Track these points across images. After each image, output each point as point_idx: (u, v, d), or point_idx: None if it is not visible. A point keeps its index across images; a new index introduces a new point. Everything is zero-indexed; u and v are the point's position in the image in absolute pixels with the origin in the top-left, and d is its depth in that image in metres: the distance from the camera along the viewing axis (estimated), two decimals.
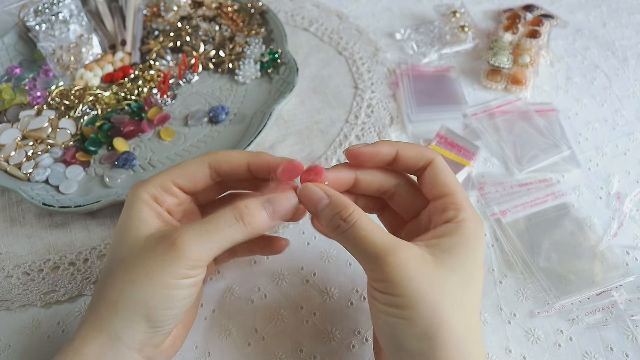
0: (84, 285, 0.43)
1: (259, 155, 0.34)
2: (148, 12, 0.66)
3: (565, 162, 0.51)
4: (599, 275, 0.42)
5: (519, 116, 0.55)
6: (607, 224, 0.47)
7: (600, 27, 0.67)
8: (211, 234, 0.29)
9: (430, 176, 0.33)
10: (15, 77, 0.59)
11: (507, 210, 0.47)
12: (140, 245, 0.30)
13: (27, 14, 0.60)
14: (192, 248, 0.29)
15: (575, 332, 0.40)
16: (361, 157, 0.33)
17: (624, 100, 0.58)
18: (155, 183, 0.33)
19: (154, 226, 0.31)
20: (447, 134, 0.52)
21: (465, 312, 0.29)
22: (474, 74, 0.61)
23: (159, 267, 0.29)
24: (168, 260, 0.29)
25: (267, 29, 0.64)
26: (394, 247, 0.28)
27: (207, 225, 0.30)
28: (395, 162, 0.34)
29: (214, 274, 0.44)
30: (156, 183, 0.33)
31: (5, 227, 0.48)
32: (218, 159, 0.34)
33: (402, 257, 0.28)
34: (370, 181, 0.34)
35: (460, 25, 0.64)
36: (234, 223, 0.30)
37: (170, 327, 0.31)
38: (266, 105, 0.55)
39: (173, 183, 0.33)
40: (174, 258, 0.28)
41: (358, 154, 0.33)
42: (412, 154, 0.33)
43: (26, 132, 0.52)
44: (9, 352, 0.40)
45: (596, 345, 0.39)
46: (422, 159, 0.33)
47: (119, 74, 0.60)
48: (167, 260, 0.29)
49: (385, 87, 0.59)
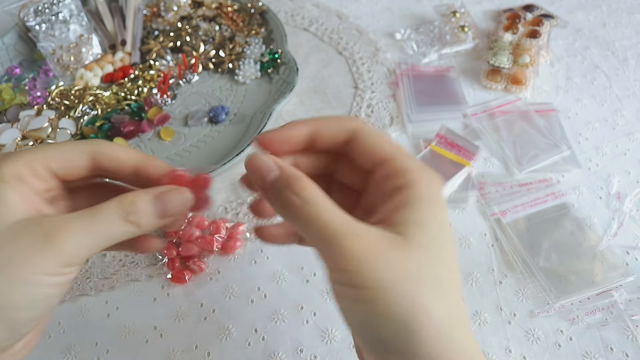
0: (84, 285, 0.43)
1: (149, 161, 0.29)
2: (148, 12, 0.66)
3: (565, 162, 0.51)
4: (599, 275, 0.42)
5: (519, 116, 0.55)
6: (607, 224, 0.47)
7: (600, 27, 0.67)
8: (93, 230, 0.26)
9: (360, 147, 0.28)
10: (15, 77, 0.59)
11: (507, 210, 0.47)
12: (3, 233, 0.25)
13: (27, 14, 0.60)
14: (71, 243, 0.25)
15: (575, 332, 0.40)
16: (273, 145, 0.29)
17: (624, 100, 0.58)
18: (23, 162, 0.27)
19: (20, 213, 0.26)
20: (447, 134, 0.52)
21: (443, 294, 0.25)
22: (474, 74, 0.61)
23: (27, 261, 0.24)
24: (40, 254, 0.24)
25: (267, 29, 0.64)
26: (350, 230, 0.24)
27: (89, 220, 0.26)
28: (315, 142, 0.29)
29: (214, 273, 0.44)
30: (25, 162, 0.27)
31: None
32: (102, 153, 0.28)
33: (361, 241, 0.24)
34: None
35: (460, 25, 0.64)
36: (119, 220, 0.26)
37: (28, 330, 0.26)
38: (266, 105, 0.55)
39: (44, 166, 0.27)
40: (47, 252, 0.24)
41: (268, 141, 0.28)
42: (331, 128, 0.29)
43: (26, 132, 0.52)
44: None
45: (596, 345, 0.39)
46: (343, 131, 0.29)
47: (119, 74, 0.60)
48: (38, 253, 0.24)
49: (385, 87, 0.59)
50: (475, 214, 0.48)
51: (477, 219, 0.47)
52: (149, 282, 0.44)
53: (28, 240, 0.25)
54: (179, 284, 0.43)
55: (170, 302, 0.42)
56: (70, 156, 0.28)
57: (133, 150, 0.29)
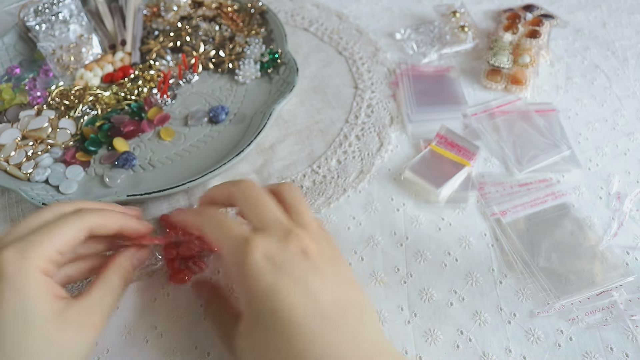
0: (84, 286, 0.43)
1: (129, 223, 0.37)
2: (148, 12, 0.66)
3: (565, 162, 0.51)
4: (599, 275, 0.42)
5: (519, 116, 0.55)
6: (607, 224, 0.47)
7: (601, 27, 0.67)
8: (109, 302, 0.34)
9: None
10: (15, 77, 0.59)
11: (507, 210, 0.47)
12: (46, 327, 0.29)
13: (27, 14, 0.60)
14: (98, 326, 0.33)
15: (575, 332, 0.40)
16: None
17: (624, 100, 0.58)
18: (43, 256, 0.30)
19: (49, 304, 0.30)
20: (447, 134, 0.52)
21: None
22: (474, 74, 0.61)
23: (69, 344, 0.31)
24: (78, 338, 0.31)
25: (267, 29, 0.64)
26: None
27: (103, 298, 0.34)
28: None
29: (215, 274, 0.44)
30: (45, 256, 0.30)
31: (5, 227, 0.47)
32: (96, 227, 0.34)
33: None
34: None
35: (460, 25, 0.64)
36: (121, 286, 0.36)
37: None
38: (266, 105, 0.55)
39: (57, 253, 0.31)
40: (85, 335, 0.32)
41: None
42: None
43: (26, 132, 0.52)
44: None
45: (596, 345, 0.39)
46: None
47: (119, 74, 0.60)
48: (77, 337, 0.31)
49: (385, 87, 0.59)
50: (475, 214, 0.48)
51: (477, 219, 0.47)
52: (149, 282, 0.44)
53: (69, 332, 0.30)
54: (178, 284, 0.43)
55: (170, 302, 0.42)
56: (72, 237, 0.33)
57: (116, 213, 0.37)
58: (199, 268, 0.43)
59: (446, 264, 0.44)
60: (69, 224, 0.32)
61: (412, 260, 0.45)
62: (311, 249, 0.31)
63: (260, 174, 0.51)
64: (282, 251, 0.30)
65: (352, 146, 0.53)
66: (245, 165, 0.52)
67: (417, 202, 0.49)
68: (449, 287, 0.43)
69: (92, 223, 0.34)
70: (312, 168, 0.51)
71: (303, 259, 0.31)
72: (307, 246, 0.31)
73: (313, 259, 0.31)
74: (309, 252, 0.31)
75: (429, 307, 0.42)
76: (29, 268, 0.29)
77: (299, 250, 0.31)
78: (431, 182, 0.48)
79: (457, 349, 0.40)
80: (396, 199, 0.49)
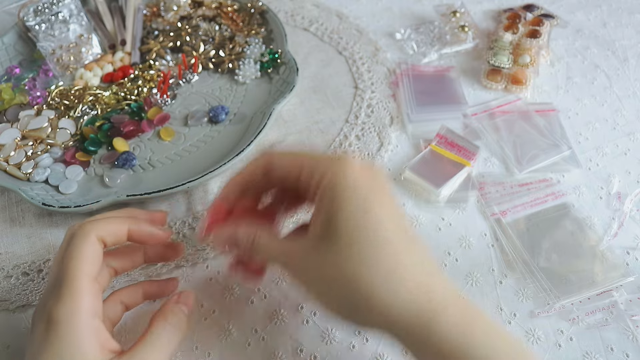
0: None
1: (140, 227, 0.36)
2: (148, 12, 0.66)
3: (565, 162, 0.51)
4: (600, 275, 0.42)
5: (519, 116, 0.55)
6: (608, 224, 0.47)
7: (601, 27, 0.67)
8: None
9: (277, 174, 0.33)
10: (15, 77, 0.59)
11: (507, 210, 0.47)
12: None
13: (27, 14, 0.60)
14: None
15: (575, 333, 0.40)
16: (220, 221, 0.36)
17: (624, 100, 0.58)
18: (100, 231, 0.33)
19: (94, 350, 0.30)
20: (447, 134, 0.52)
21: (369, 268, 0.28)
22: (474, 74, 0.61)
23: None
24: None
25: (267, 28, 0.64)
26: (282, 250, 0.32)
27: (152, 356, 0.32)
28: (247, 191, 0.36)
29: (214, 274, 0.44)
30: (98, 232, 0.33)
31: (5, 227, 0.47)
32: (136, 228, 0.35)
33: (287, 256, 0.31)
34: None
35: (460, 25, 0.64)
36: (172, 339, 0.34)
37: None
38: (266, 105, 0.55)
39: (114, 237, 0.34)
40: None
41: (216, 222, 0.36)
42: (246, 177, 0.35)
43: (26, 132, 0.52)
44: (9, 352, 0.40)
45: (596, 345, 0.39)
46: (258, 171, 0.34)
47: (118, 73, 0.60)
48: None
49: (385, 87, 0.59)
50: (476, 214, 0.48)
51: (477, 219, 0.47)
52: None
53: None
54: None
55: None
56: (120, 230, 0.35)
57: (121, 220, 0.35)
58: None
59: (446, 264, 0.44)
60: (116, 220, 0.35)
61: None
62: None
63: None
64: (371, 169, 0.31)
65: (352, 146, 0.53)
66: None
67: (417, 202, 0.49)
68: None
69: (133, 220, 0.35)
70: None
71: (385, 180, 0.32)
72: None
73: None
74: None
75: None
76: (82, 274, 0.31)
77: (380, 171, 0.32)
78: (431, 182, 0.48)
79: None
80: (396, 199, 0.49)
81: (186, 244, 0.46)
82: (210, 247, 0.45)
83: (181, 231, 0.46)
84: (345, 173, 0.29)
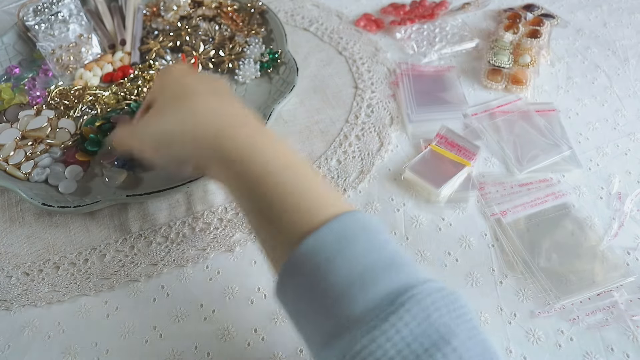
0: (84, 286, 0.43)
1: None
2: (148, 12, 0.66)
3: (565, 162, 0.51)
4: (600, 275, 0.42)
5: (520, 116, 0.55)
6: (608, 224, 0.47)
7: (601, 27, 0.67)
8: None
9: None
10: (15, 76, 0.59)
11: (508, 210, 0.47)
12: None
13: (27, 14, 0.60)
14: None
15: (575, 333, 0.40)
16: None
17: (625, 100, 0.58)
18: None
19: None
20: (448, 134, 0.52)
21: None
22: (474, 74, 0.61)
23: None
24: None
25: (267, 28, 0.64)
26: (129, 136, 0.41)
27: None
28: None
29: (214, 274, 0.44)
30: None
31: (5, 227, 0.47)
32: None
33: (134, 135, 0.41)
34: None
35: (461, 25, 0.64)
36: None
37: None
38: (266, 105, 0.55)
39: None
40: None
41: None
42: None
43: (25, 131, 0.52)
44: (9, 352, 0.40)
45: (597, 345, 0.39)
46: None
47: (118, 73, 0.59)
48: None
49: (385, 87, 0.59)
50: (476, 214, 0.48)
51: (477, 219, 0.47)
52: (149, 283, 0.44)
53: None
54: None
55: (170, 303, 0.42)
56: None
57: None
58: None
59: (446, 264, 0.44)
60: None
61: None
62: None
63: None
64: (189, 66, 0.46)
65: (352, 146, 0.53)
66: None
67: (417, 202, 0.49)
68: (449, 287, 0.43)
69: None
70: None
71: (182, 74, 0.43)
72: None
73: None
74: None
75: None
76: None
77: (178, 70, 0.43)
78: (431, 182, 0.48)
79: None
80: (396, 199, 0.49)
81: (186, 244, 0.46)
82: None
83: (181, 231, 0.46)
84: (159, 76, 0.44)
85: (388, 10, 0.68)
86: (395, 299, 0.26)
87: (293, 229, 0.31)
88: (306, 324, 0.30)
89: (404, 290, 0.26)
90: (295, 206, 0.31)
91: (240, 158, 0.34)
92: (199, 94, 0.39)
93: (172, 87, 0.40)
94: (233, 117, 0.37)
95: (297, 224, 0.31)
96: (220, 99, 0.39)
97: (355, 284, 0.27)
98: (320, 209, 0.31)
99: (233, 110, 0.39)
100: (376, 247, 0.29)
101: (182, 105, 0.38)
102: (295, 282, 0.29)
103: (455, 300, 0.27)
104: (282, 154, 0.35)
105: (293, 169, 0.34)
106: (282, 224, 0.31)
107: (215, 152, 0.35)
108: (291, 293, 0.30)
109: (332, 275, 0.28)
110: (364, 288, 0.27)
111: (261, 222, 0.33)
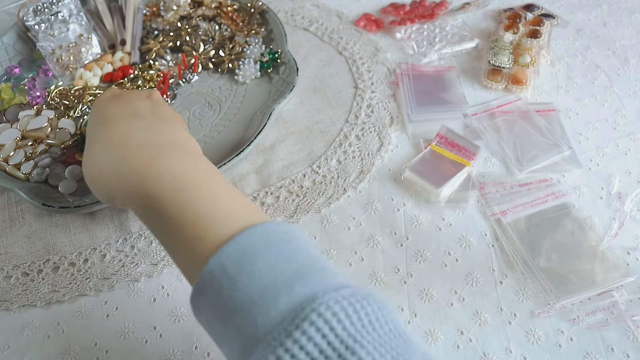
0: (83, 286, 0.43)
1: None
2: (148, 12, 0.66)
3: (565, 162, 0.51)
4: (600, 275, 0.42)
5: (520, 116, 0.55)
6: (608, 224, 0.47)
7: (601, 27, 0.67)
8: None
9: None
10: (15, 76, 0.59)
11: (508, 210, 0.47)
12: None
13: (27, 14, 0.60)
14: None
15: (575, 333, 0.40)
16: None
17: (625, 100, 0.58)
18: None
19: None
20: (448, 134, 0.52)
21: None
22: (474, 74, 0.61)
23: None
24: None
25: (267, 28, 0.64)
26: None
27: None
28: None
29: None
30: None
31: (5, 227, 0.47)
32: None
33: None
34: None
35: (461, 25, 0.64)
36: None
37: None
38: (266, 105, 0.55)
39: None
40: None
41: None
42: None
43: (25, 132, 0.52)
44: (9, 352, 0.40)
45: (597, 345, 0.39)
46: None
47: (118, 73, 0.59)
48: None
49: (385, 87, 0.59)
50: (476, 214, 0.48)
51: (477, 219, 0.47)
52: (149, 283, 0.44)
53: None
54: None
55: (170, 303, 0.42)
56: None
57: None
58: None
59: (446, 264, 0.44)
60: None
61: (412, 260, 0.45)
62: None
63: (260, 174, 0.51)
64: (123, 93, 0.43)
65: (352, 146, 0.53)
66: (245, 165, 0.52)
67: (417, 202, 0.49)
68: (449, 287, 0.43)
69: None
70: (312, 168, 0.51)
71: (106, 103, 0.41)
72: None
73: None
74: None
75: (429, 307, 0.42)
76: None
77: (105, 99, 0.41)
78: (431, 182, 0.48)
79: (457, 350, 0.39)
80: (396, 199, 0.49)
81: None
82: None
83: None
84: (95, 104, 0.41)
85: (388, 10, 0.68)
86: (299, 313, 0.25)
87: (198, 250, 0.30)
88: (223, 342, 0.29)
89: (307, 303, 0.26)
90: (192, 228, 0.31)
91: (140, 185, 0.33)
92: (112, 122, 0.38)
93: (93, 117, 0.40)
94: (139, 141, 0.36)
95: (198, 247, 0.30)
96: (136, 121, 0.38)
97: (256, 303, 0.27)
98: (222, 228, 0.30)
99: (141, 134, 0.37)
100: (282, 260, 0.28)
101: (100, 134, 0.37)
102: (205, 303, 0.29)
103: (367, 306, 0.26)
104: (183, 172, 0.34)
105: (192, 189, 0.32)
106: (187, 247, 0.31)
107: (119, 182, 0.35)
108: (204, 314, 0.30)
109: (235, 295, 0.27)
110: (265, 306, 0.26)
111: (169, 248, 0.33)
